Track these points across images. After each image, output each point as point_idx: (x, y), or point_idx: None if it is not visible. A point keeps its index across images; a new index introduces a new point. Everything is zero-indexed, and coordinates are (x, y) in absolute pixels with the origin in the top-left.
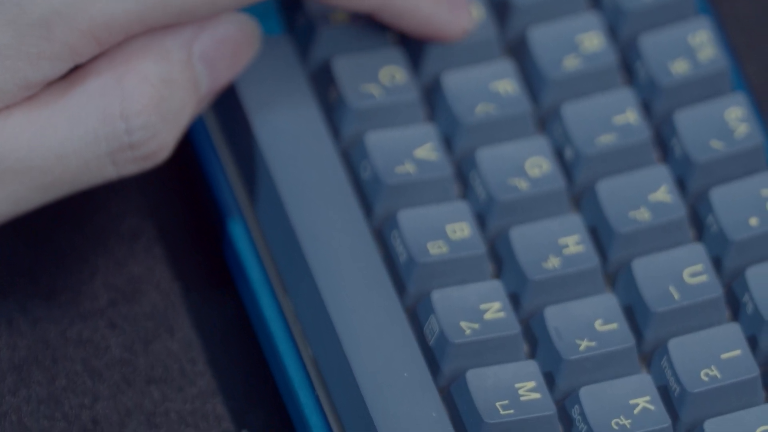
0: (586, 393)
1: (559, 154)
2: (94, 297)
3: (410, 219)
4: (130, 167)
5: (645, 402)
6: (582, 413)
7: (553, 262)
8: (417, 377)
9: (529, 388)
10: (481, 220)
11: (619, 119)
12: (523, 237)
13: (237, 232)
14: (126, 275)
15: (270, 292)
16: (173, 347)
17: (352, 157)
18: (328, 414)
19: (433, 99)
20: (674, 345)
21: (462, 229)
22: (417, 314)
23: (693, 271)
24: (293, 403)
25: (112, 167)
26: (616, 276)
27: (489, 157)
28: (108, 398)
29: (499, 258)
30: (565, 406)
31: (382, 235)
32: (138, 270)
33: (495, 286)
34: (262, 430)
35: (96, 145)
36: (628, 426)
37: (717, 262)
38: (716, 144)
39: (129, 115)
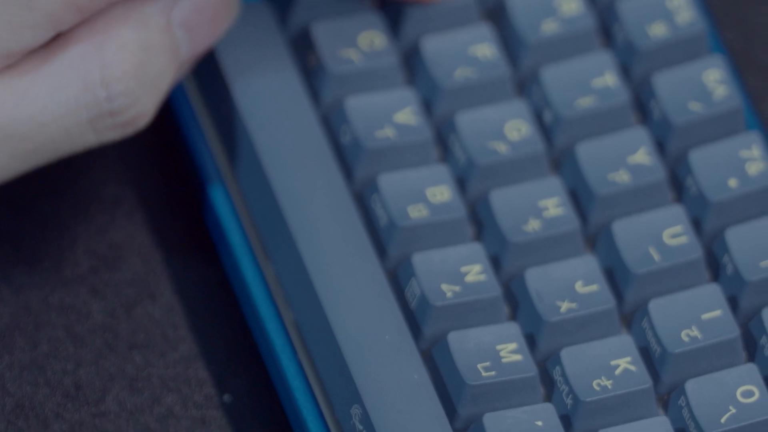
0: (567, 354)
1: (538, 118)
2: (76, 264)
3: (390, 183)
4: (110, 134)
5: (626, 363)
6: (563, 374)
7: (533, 225)
8: (398, 340)
9: (511, 350)
10: (461, 183)
11: (597, 82)
12: (503, 200)
13: (217, 198)
14: (107, 242)
15: (251, 257)
16: (155, 313)
17: (331, 122)
18: (310, 378)
19: (412, 63)
20: (654, 306)
21: (442, 192)
22: (398, 278)
23: (673, 232)
24: (275, 367)
25: (92, 134)
26: (596, 238)
27: (468, 121)
28: (90, 364)
29: (480, 221)
30: (547, 368)
31: (363, 199)
32: (119, 236)
33: (476, 248)
34: (244, 395)
35: (76, 113)
36: (610, 387)
37: (697, 224)
38: (695, 106)
39: (109, 82)
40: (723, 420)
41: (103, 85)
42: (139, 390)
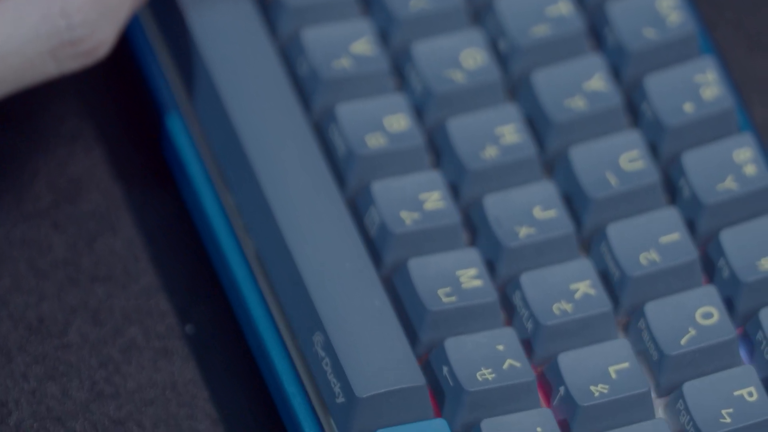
0: (526, 279)
1: (494, 46)
2: (37, 198)
3: (348, 112)
4: (71, 64)
5: (586, 287)
6: (523, 299)
7: (490, 152)
8: (359, 268)
9: (471, 276)
10: (418, 112)
11: (551, 10)
12: (460, 128)
13: (176, 129)
14: (67, 176)
15: (210, 188)
16: (116, 246)
17: (289, 54)
18: (271, 307)
19: None
20: (613, 230)
21: (399, 121)
22: (357, 206)
23: (630, 157)
24: (237, 297)
25: (53, 64)
26: (553, 164)
27: (424, 51)
28: (53, 297)
29: (438, 149)
30: (507, 293)
31: (321, 129)
32: (79, 170)
33: (434, 176)
34: (206, 326)
35: (37, 43)
36: (570, 311)
37: (653, 149)
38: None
39: (69, 12)
40: (683, 341)
41: (63, 15)
42: (102, 322)
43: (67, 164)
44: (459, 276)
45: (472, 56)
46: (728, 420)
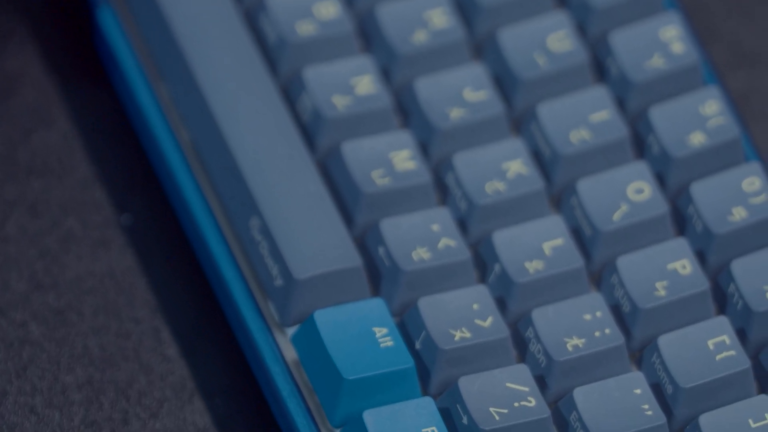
0: (459, 160)
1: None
2: None
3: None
4: None
5: (518, 165)
6: (456, 179)
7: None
8: (293, 153)
9: (404, 157)
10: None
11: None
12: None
13: (107, 22)
14: (1, 73)
15: (143, 80)
16: (52, 139)
17: None
18: (207, 195)
19: None
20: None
21: (327, 8)
22: (290, 93)
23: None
24: (173, 186)
25: None
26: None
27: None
28: None
29: (368, 36)
30: (440, 175)
31: (252, 16)
32: (13, 67)
33: (365, 60)
34: (143, 215)
35: None
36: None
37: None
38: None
39: None
40: (615, 217)
41: None
42: (39, 214)
43: (1, 61)
44: (392, 158)
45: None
46: (663, 293)
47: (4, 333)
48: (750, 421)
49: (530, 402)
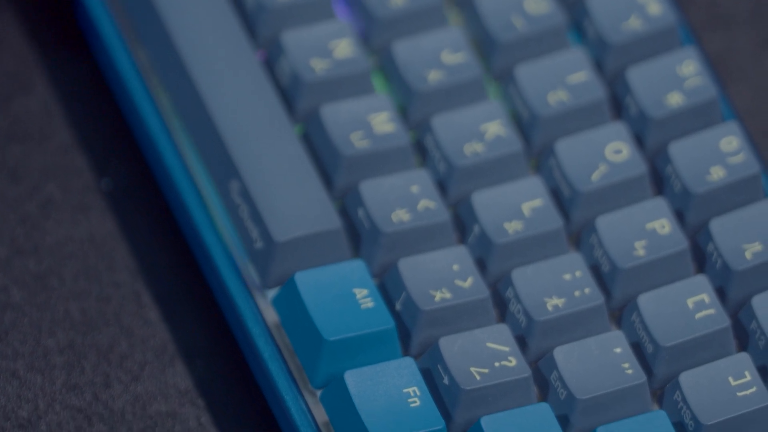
0: (437, 122)
1: None
2: None
3: None
4: None
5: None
6: (436, 142)
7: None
8: (273, 116)
9: (383, 120)
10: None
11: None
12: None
13: None
14: None
15: (122, 45)
16: (31, 105)
17: None
18: (186, 159)
19: None
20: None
21: None
22: (269, 57)
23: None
24: (152, 151)
25: None
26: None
27: None
28: None
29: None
30: (419, 137)
31: None
32: None
33: (345, 26)
34: (123, 180)
35: None
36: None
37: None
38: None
39: None
40: (594, 177)
41: None
42: (19, 180)
43: None
44: (371, 120)
45: None
46: (642, 252)
47: None
48: (730, 378)
49: (511, 362)
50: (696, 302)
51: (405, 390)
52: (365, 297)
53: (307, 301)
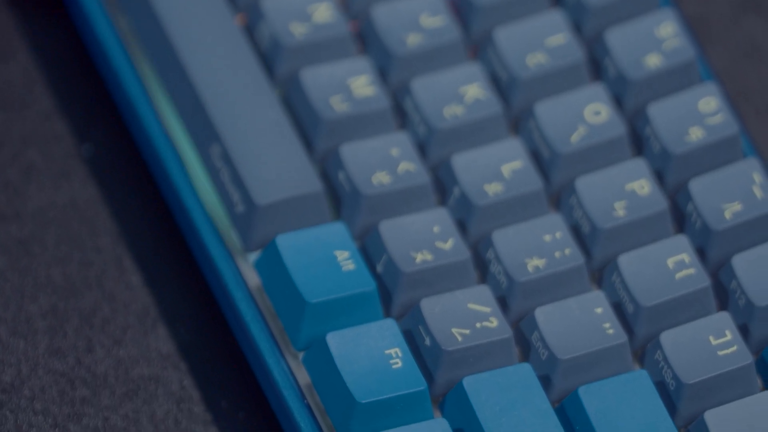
0: (417, 84)
1: None
2: None
3: None
4: None
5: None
6: (414, 104)
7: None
8: (253, 81)
9: (362, 83)
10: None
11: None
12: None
13: None
14: None
15: (102, 11)
16: (10, 73)
17: None
18: (167, 124)
19: None
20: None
21: None
22: (249, 22)
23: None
24: (133, 117)
25: None
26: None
27: None
28: None
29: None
30: (398, 99)
31: None
32: None
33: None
34: (104, 146)
35: None
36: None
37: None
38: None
39: None
40: (573, 139)
41: None
42: (0, 146)
43: None
44: (350, 84)
45: None
46: (621, 213)
47: None
48: (710, 338)
49: (492, 322)
50: (676, 262)
51: (387, 351)
52: (346, 259)
53: (288, 263)
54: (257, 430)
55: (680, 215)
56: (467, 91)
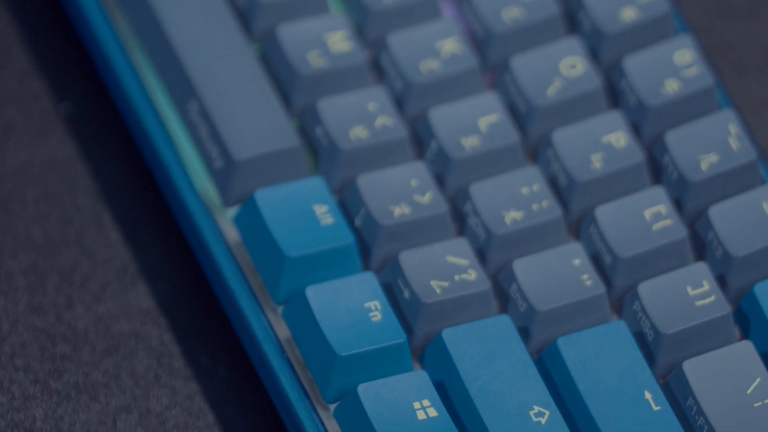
0: (394, 40)
1: None
2: None
3: None
4: None
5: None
6: (392, 59)
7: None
8: (230, 37)
9: (339, 39)
10: None
11: None
12: None
13: None
14: None
15: None
16: None
17: None
18: (144, 81)
19: None
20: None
21: None
22: None
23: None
24: (110, 74)
25: None
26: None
27: None
28: None
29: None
30: (376, 57)
31: None
32: None
33: None
34: (82, 104)
35: None
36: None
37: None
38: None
39: None
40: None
41: None
42: None
43: None
44: (327, 39)
45: None
46: (598, 165)
47: None
48: (688, 288)
49: (470, 275)
50: (653, 213)
51: (366, 304)
52: (325, 213)
53: (267, 218)
54: (237, 384)
55: (656, 167)
56: (443, 46)
